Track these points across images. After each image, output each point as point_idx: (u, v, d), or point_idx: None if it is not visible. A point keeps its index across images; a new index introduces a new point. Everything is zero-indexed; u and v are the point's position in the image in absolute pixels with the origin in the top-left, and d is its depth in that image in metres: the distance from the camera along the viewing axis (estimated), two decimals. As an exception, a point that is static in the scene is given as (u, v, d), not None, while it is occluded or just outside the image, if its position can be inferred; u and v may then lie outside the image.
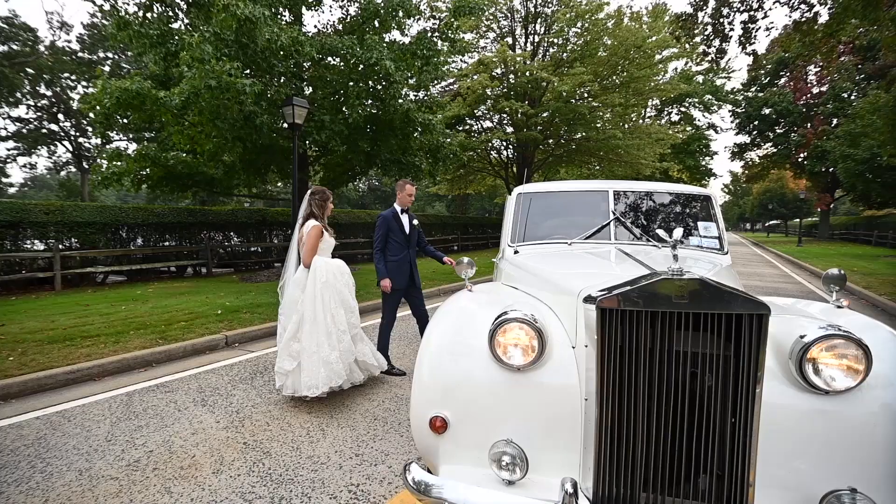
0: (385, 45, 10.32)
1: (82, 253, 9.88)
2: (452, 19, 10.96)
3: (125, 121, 9.81)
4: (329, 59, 10.54)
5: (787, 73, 37.49)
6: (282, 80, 9.88)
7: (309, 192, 4.01)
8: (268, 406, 3.77)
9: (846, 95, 34.42)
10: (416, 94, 12.81)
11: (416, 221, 4.59)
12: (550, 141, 23.14)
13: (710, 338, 1.55)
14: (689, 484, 1.59)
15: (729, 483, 1.54)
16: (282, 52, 8.48)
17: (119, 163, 9.88)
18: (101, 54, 27.19)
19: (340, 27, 11.60)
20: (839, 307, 2.07)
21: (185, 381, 4.41)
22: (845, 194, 34.65)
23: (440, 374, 1.90)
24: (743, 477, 1.52)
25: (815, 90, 35.98)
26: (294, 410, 3.69)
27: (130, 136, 20.24)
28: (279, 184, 23.58)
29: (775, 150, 38.74)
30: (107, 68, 26.18)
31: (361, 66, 10.19)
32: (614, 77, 20.47)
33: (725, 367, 1.54)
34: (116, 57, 27.23)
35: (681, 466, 1.58)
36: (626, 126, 23.62)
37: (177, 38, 8.64)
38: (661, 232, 1.71)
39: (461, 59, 19.75)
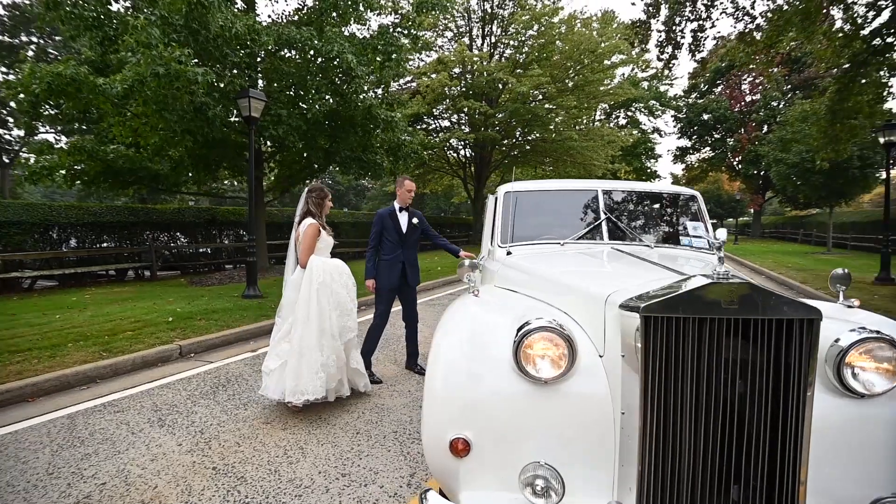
0: (345, 38, 9.96)
1: (6, 256, 8.87)
2: (415, 14, 10.74)
3: (55, 110, 8.90)
4: (285, 51, 10.07)
5: (723, 82, 40.01)
6: (234, 71, 9.31)
7: (306, 189, 3.84)
8: (236, 424, 3.44)
9: (775, 104, 37.21)
10: (375, 90, 12.49)
11: (416, 220, 4.41)
12: (505, 141, 23.40)
13: (757, 344, 1.46)
14: (737, 490, 1.50)
15: (780, 485, 1.46)
16: (236, 41, 7.95)
17: (50, 156, 8.94)
18: (24, 38, 24.78)
19: (296, 18, 11.10)
20: (850, 307, 2.06)
21: (137, 398, 3.97)
22: (774, 195, 37.46)
23: (458, 391, 1.71)
24: (794, 478, 1.45)
25: (748, 98, 38.61)
26: (267, 427, 3.38)
27: (59, 127, 18.49)
28: (226, 181, 22.45)
29: (713, 154, 41.21)
30: (30, 53, 23.87)
31: (321, 60, 9.80)
32: (567, 81, 20.97)
33: (776, 372, 1.45)
34: (42, 41, 24.91)
35: (729, 476, 1.49)
36: (579, 128, 24.28)
37: (116, 20, 7.91)
38: (716, 235, 1.61)
39: (419, 58, 19.55)
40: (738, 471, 1.48)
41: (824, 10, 10.36)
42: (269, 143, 10.38)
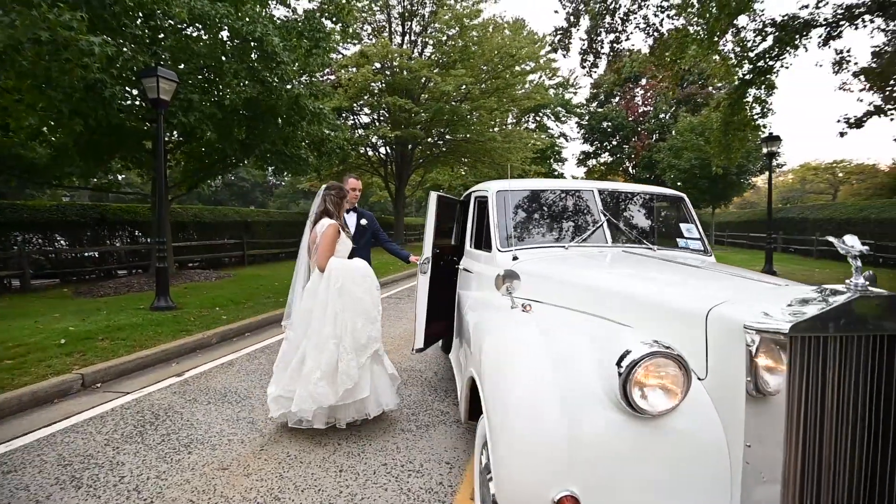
0: (268, 19, 9.05)
1: None
2: (344, 1, 10.08)
3: None
4: (191, 28, 8.91)
5: (619, 94, 43.62)
6: (132, 46, 7.97)
7: (324, 186, 3.49)
8: (182, 474, 2.77)
9: (663, 116, 41.35)
10: (299, 79, 11.56)
11: (364, 221, 4.11)
12: (427, 140, 23.20)
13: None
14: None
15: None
16: (139, 10, 6.78)
17: None
18: None
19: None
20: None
21: (34, 449, 3.08)
22: (663, 198, 41.57)
23: (554, 434, 1.39)
24: None
25: (641, 109, 42.46)
26: (225, 475, 2.76)
27: None
28: (109, 175, 19.61)
29: (612, 159, 44.76)
30: None
31: (238, 41, 8.80)
32: (483, 84, 21.23)
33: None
34: None
35: (873, 497, 1.34)
36: (496, 130, 24.80)
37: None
38: (845, 241, 1.45)
39: (342, 47, 18.64)
40: (884, 493, 1.34)
41: (726, 32, 11.45)
42: (175, 131, 9.11)
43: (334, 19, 10.29)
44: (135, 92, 8.92)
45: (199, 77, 9.22)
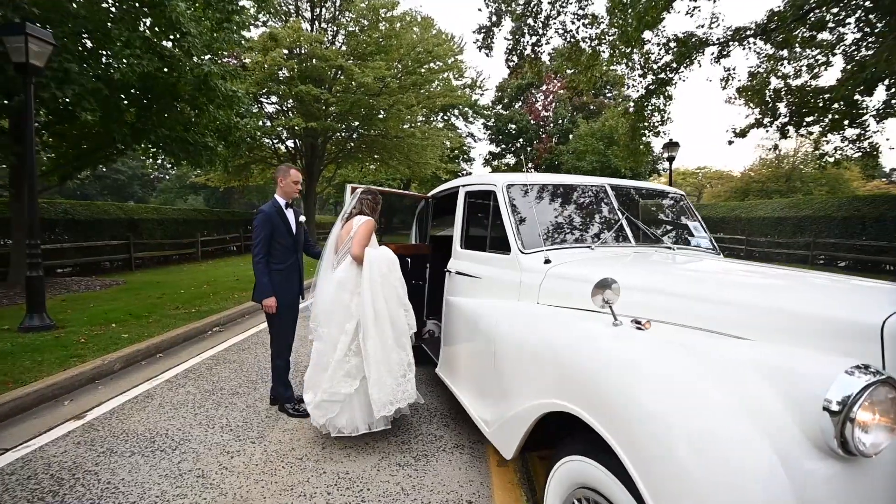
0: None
1: None
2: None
3: None
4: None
5: (522, 98, 45.67)
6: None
7: (360, 190, 3.44)
8: (123, 565, 2.01)
9: (562, 121, 44.10)
10: (203, 57, 10.14)
11: (303, 218, 3.67)
12: (339, 135, 22.07)
13: None
14: None
15: None
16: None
17: None
18: None
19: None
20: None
21: None
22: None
23: (774, 484, 1.06)
24: None
25: (543, 114, 44.84)
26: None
27: None
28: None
29: (515, 161, 46.70)
30: None
31: (126, 5, 7.43)
32: (397, 81, 20.71)
33: None
34: None
35: None
36: (409, 127, 24.36)
37: None
38: None
39: (256, 24, 16.86)
40: None
41: (639, 42, 12.23)
42: (45, 108, 7.41)
43: (247, -9, 9.15)
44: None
45: (79, 45, 7.61)
